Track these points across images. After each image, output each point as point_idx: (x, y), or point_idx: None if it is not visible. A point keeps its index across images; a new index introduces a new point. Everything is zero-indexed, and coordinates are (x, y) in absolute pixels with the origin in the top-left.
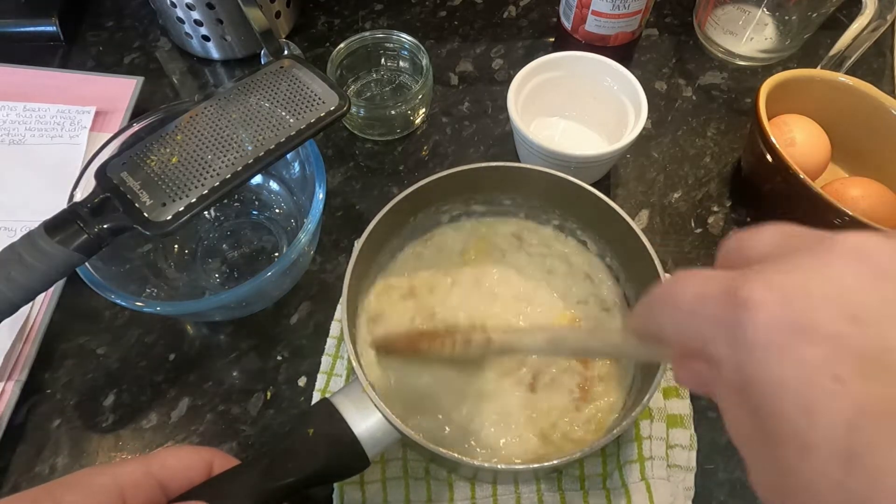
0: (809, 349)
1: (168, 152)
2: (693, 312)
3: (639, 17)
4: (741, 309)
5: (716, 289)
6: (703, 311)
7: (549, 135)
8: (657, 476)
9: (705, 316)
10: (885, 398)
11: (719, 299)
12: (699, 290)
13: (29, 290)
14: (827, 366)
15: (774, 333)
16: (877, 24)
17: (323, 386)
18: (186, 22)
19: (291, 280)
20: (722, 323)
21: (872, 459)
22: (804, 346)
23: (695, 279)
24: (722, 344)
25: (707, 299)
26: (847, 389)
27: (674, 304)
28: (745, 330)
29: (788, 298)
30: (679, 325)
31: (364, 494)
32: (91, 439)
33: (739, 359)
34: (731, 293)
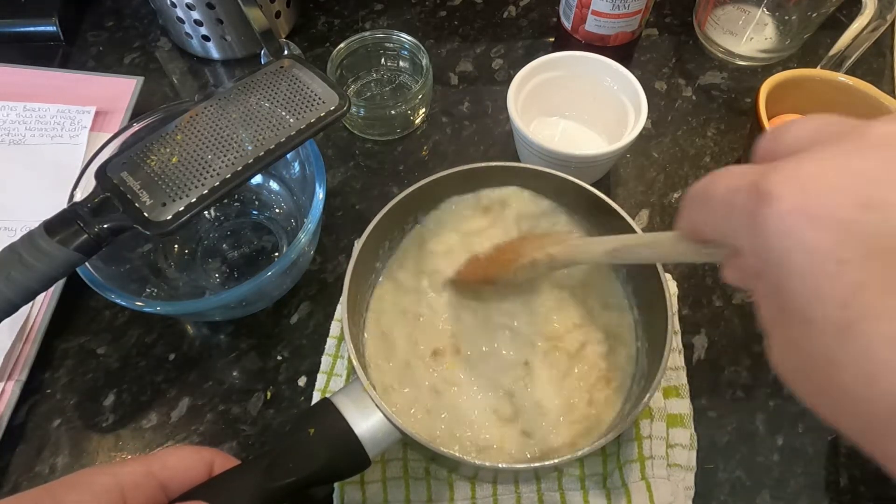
0: (818, 235)
1: (168, 152)
2: (723, 206)
3: (639, 17)
4: (762, 200)
5: (743, 182)
6: (731, 204)
7: (549, 135)
8: (657, 475)
9: (732, 209)
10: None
11: (745, 192)
12: (729, 184)
13: (29, 290)
14: (833, 250)
15: (788, 222)
16: (877, 24)
17: (323, 386)
18: (186, 22)
19: (291, 280)
20: (745, 213)
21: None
22: (814, 233)
23: (727, 174)
24: (744, 233)
25: (735, 193)
26: (848, 270)
27: (707, 199)
28: (764, 219)
29: (805, 188)
30: (711, 218)
31: (364, 494)
32: (91, 439)
33: (757, 245)
34: (755, 186)
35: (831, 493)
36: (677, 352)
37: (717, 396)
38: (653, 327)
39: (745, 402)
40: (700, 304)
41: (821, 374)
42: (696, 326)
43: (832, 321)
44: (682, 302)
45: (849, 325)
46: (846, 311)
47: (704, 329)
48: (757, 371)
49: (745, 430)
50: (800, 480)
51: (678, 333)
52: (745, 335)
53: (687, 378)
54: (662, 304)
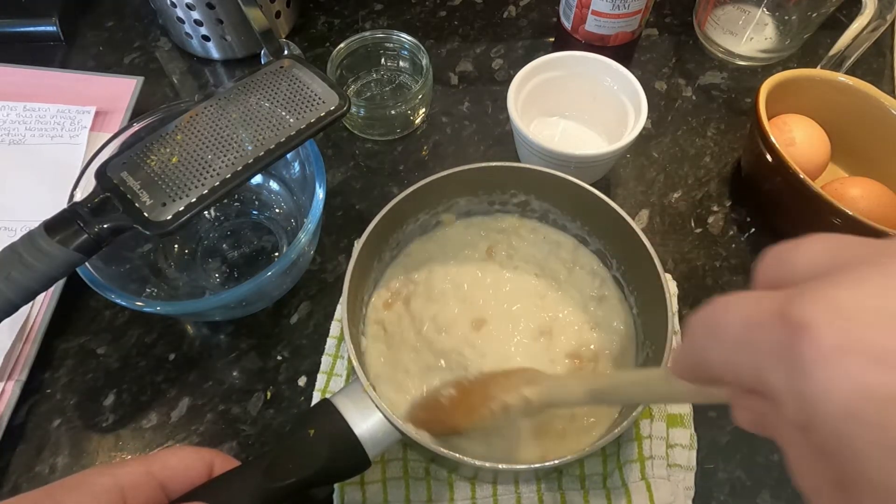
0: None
1: (168, 152)
2: (743, 343)
3: (639, 17)
4: (797, 332)
5: (766, 312)
6: (754, 340)
7: (549, 135)
8: (657, 475)
9: (757, 345)
10: None
11: (771, 324)
12: (747, 315)
13: (29, 290)
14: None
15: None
16: (877, 24)
17: (323, 386)
18: (186, 22)
19: (291, 280)
20: (777, 351)
21: None
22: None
23: (740, 304)
24: (779, 376)
25: (757, 326)
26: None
27: (720, 335)
28: (804, 357)
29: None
30: (729, 359)
31: (364, 495)
32: (91, 439)
33: (800, 390)
34: (785, 315)
35: None
36: None
37: None
38: (653, 327)
39: None
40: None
41: None
42: None
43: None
44: (682, 302)
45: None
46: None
47: None
48: None
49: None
50: None
51: (678, 333)
52: None
53: None
54: (662, 304)
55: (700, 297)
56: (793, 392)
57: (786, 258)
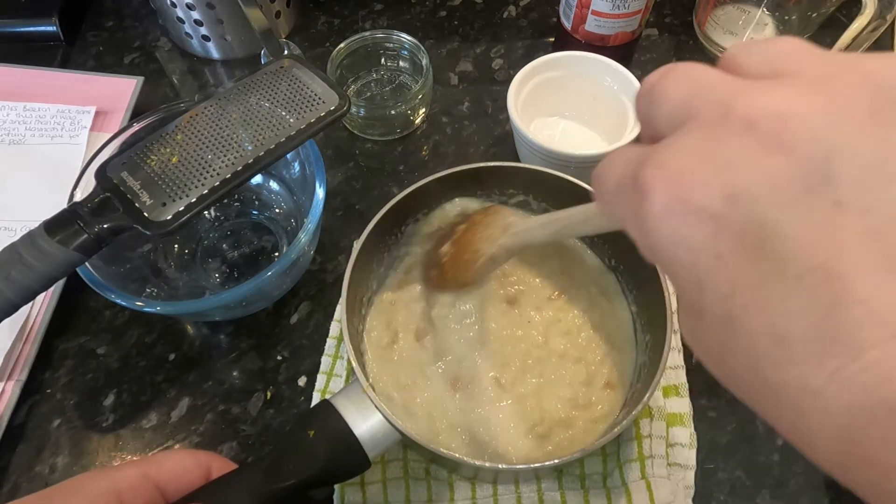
0: (694, 230)
1: (168, 152)
2: (614, 196)
3: (639, 17)
4: (640, 196)
5: (628, 174)
6: (618, 200)
7: (549, 135)
8: (657, 475)
9: (620, 202)
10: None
11: (629, 186)
12: (618, 175)
13: (29, 290)
14: (710, 245)
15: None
16: (877, 24)
17: (323, 386)
18: (186, 22)
19: (291, 280)
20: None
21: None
22: (689, 228)
23: (617, 160)
24: (633, 229)
25: (622, 187)
26: (725, 264)
27: (602, 186)
28: (645, 218)
29: (677, 181)
30: (609, 207)
31: (365, 495)
32: (91, 439)
33: (645, 244)
34: (636, 178)
35: (831, 494)
36: (676, 351)
37: (717, 396)
38: (652, 326)
39: None
40: None
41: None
42: None
43: (718, 315)
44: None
45: (731, 318)
46: (727, 304)
47: None
48: None
49: (745, 430)
50: (800, 480)
51: (677, 332)
52: None
53: (686, 378)
54: (662, 304)
55: None
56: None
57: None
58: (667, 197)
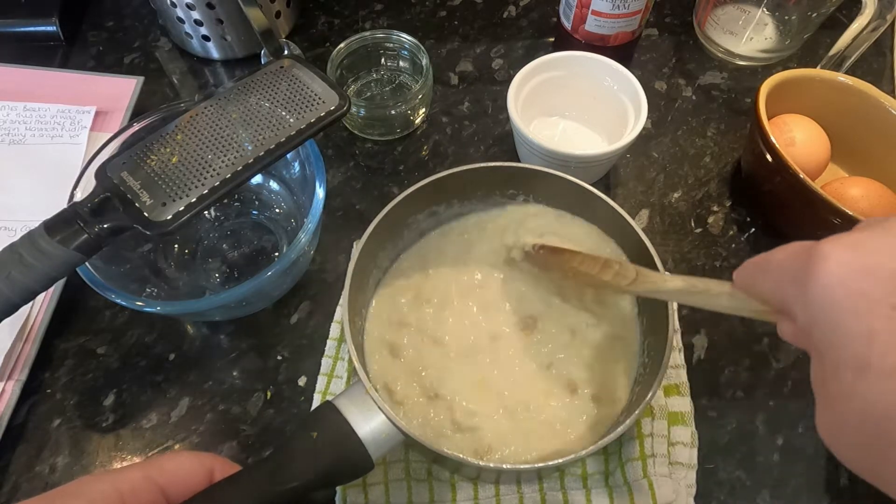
0: (871, 283)
1: (168, 152)
2: (779, 268)
3: (639, 17)
4: (815, 259)
5: (801, 249)
6: (787, 266)
7: (549, 135)
8: (659, 473)
9: (788, 269)
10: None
11: (801, 255)
12: (788, 251)
13: (29, 289)
14: (887, 297)
15: (841, 274)
16: (876, 23)
17: (324, 388)
18: (186, 22)
19: (291, 280)
20: (800, 272)
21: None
22: (866, 281)
23: (787, 247)
24: (798, 290)
25: (792, 257)
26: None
27: (766, 264)
28: (816, 275)
29: (857, 248)
30: (768, 281)
31: (367, 497)
32: (91, 439)
33: (809, 297)
34: (811, 249)
35: (831, 493)
36: (677, 350)
37: (717, 396)
38: (654, 326)
39: (745, 402)
40: None
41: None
42: (695, 326)
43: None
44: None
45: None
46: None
47: (704, 329)
48: (757, 371)
49: (745, 430)
50: (800, 480)
51: (678, 332)
52: (745, 335)
53: (687, 377)
54: (663, 303)
55: None
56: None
57: None
58: (843, 255)
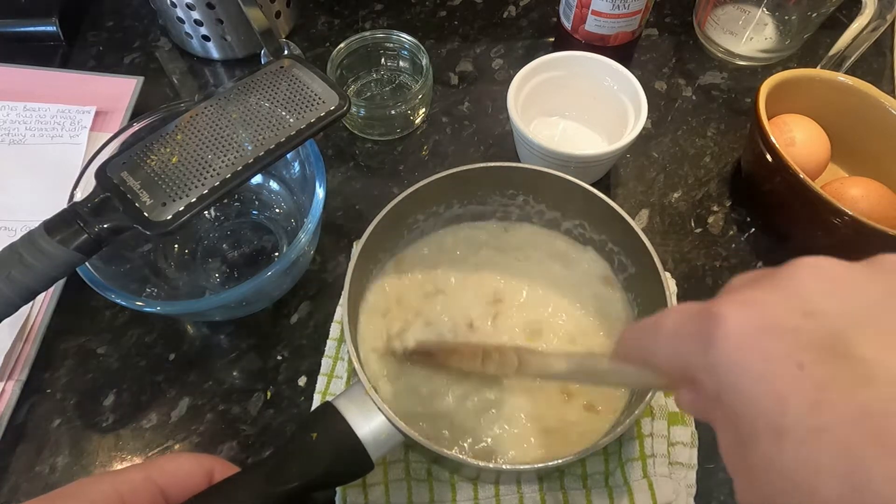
0: (774, 343)
1: (168, 152)
2: (674, 334)
3: (639, 17)
4: (711, 322)
5: (694, 312)
6: (681, 333)
7: (549, 135)
8: (659, 473)
9: (684, 335)
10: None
11: (695, 318)
12: (678, 315)
13: (29, 289)
14: (790, 356)
15: (742, 336)
16: (876, 23)
17: (323, 388)
18: (186, 22)
19: (291, 280)
20: (697, 338)
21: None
22: (769, 342)
23: (676, 309)
24: (698, 356)
25: (686, 321)
26: (809, 373)
27: (657, 329)
28: (717, 339)
29: (753, 307)
30: (663, 347)
31: (367, 497)
32: (91, 439)
33: (712, 363)
34: (705, 312)
35: None
36: None
37: None
38: None
39: None
40: None
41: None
42: None
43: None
44: (682, 301)
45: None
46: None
47: None
48: None
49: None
50: None
51: None
52: None
53: None
54: (662, 303)
55: (700, 296)
56: (706, 366)
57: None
58: (741, 315)
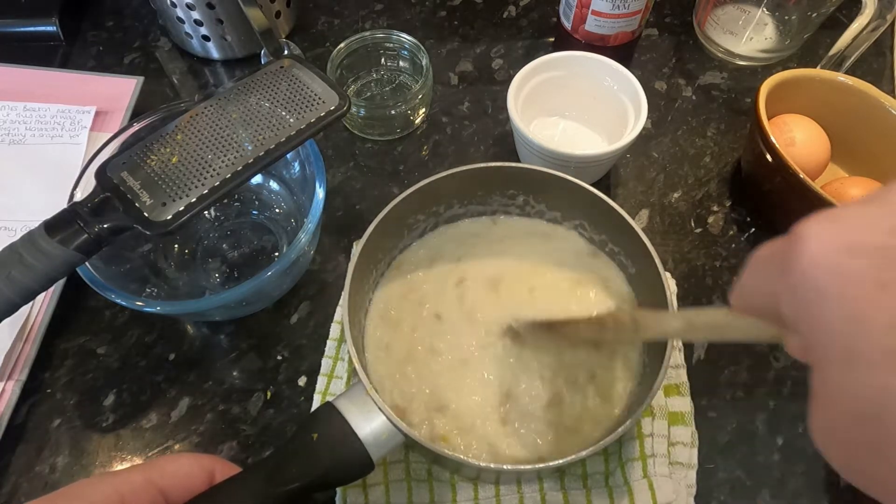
0: (855, 261)
1: (168, 152)
2: (766, 263)
3: (639, 17)
4: (794, 243)
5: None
6: (767, 258)
7: (549, 135)
8: (659, 473)
9: (768, 260)
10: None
11: (783, 243)
12: (772, 245)
13: (29, 289)
14: (872, 274)
15: (822, 255)
16: (876, 23)
17: (324, 389)
18: (186, 22)
19: (291, 280)
20: (778, 260)
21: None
22: (850, 259)
23: (772, 241)
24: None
25: (772, 247)
26: (892, 294)
27: (753, 263)
28: (795, 259)
29: (837, 223)
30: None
31: (367, 497)
32: (91, 439)
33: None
34: (791, 234)
35: (831, 493)
36: (677, 349)
37: (717, 396)
38: None
39: (745, 402)
40: (700, 304)
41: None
42: None
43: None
44: (682, 302)
45: None
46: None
47: None
48: (757, 371)
49: (745, 430)
50: (800, 480)
51: None
52: None
53: (687, 377)
54: (663, 304)
55: (700, 296)
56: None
57: None
58: (827, 234)
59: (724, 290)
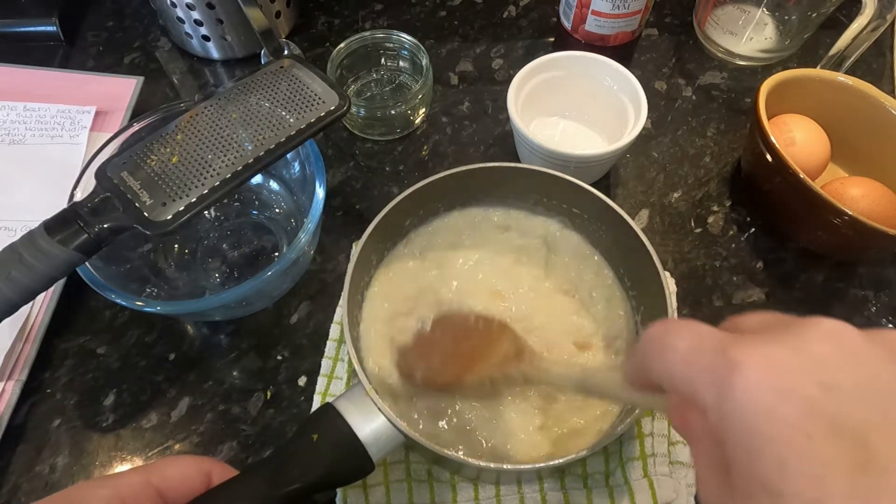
0: (787, 408)
1: (168, 152)
2: (687, 363)
3: (639, 17)
4: (732, 368)
5: (710, 345)
6: (696, 363)
7: (549, 135)
8: (660, 473)
9: (698, 368)
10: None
11: (713, 355)
12: (695, 343)
13: (29, 289)
14: (801, 424)
15: (758, 392)
16: (876, 23)
17: (323, 389)
18: (186, 22)
19: (291, 280)
20: (713, 377)
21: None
22: (783, 405)
23: (690, 332)
24: (711, 395)
25: (701, 353)
26: (816, 445)
27: (669, 352)
28: (733, 387)
29: (772, 365)
30: (674, 372)
31: (367, 498)
32: (91, 439)
33: (725, 410)
34: (724, 352)
35: None
36: None
37: None
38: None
39: None
40: (700, 304)
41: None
42: None
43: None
44: (682, 302)
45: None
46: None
47: None
48: None
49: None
50: None
51: None
52: None
53: None
54: (662, 304)
55: (700, 296)
56: (719, 409)
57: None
58: (761, 373)
59: (724, 290)
